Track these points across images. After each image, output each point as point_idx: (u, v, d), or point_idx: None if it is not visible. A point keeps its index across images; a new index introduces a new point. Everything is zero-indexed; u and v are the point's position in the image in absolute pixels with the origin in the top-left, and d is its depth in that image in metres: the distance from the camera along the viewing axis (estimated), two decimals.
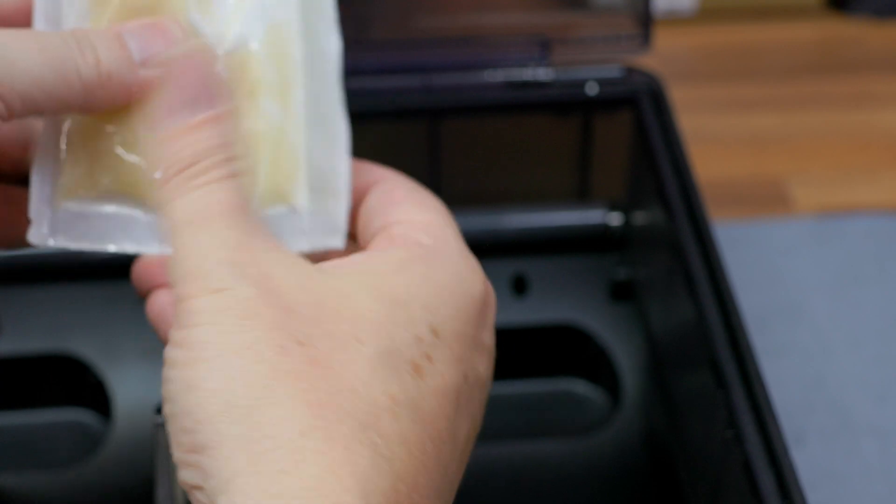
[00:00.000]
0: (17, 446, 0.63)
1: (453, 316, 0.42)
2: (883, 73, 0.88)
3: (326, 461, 0.37)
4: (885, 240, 0.76)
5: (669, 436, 0.60)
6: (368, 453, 0.38)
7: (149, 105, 0.44)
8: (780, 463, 0.48)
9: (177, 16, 0.46)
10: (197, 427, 0.39)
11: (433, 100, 0.65)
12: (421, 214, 0.45)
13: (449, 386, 0.41)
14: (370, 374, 0.40)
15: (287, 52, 0.46)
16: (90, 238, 0.46)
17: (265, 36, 0.46)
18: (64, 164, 0.46)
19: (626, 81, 0.65)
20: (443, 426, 0.41)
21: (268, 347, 0.39)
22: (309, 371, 0.39)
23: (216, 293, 0.40)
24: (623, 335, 0.65)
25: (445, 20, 0.65)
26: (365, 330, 0.40)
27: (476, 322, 0.43)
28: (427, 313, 0.42)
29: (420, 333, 0.41)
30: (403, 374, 0.40)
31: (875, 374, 0.69)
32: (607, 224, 0.67)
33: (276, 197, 0.46)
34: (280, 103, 0.46)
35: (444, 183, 0.68)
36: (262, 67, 0.46)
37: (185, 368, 0.40)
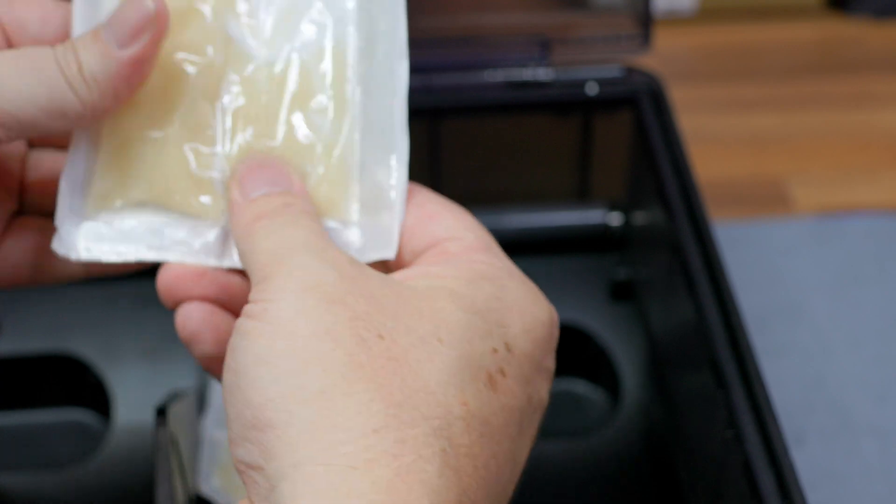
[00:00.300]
0: (17, 446, 0.63)
1: (523, 336, 0.42)
2: (883, 73, 0.88)
3: (397, 465, 0.37)
4: (885, 240, 0.76)
5: (669, 436, 0.60)
6: (438, 462, 0.37)
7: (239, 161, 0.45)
8: (780, 463, 0.48)
9: (216, 28, 0.46)
10: (266, 403, 0.38)
11: (433, 100, 0.65)
12: (469, 232, 0.45)
13: (516, 405, 0.41)
14: (448, 377, 0.39)
15: (341, 70, 0.46)
16: (120, 249, 0.46)
17: (316, 52, 0.46)
18: (94, 173, 0.46)
19: (626, 81, 0.65)
20: (507, 447, 0.40)
21: (349, 335, 0.38)
22: (387, 366, 0.38)
23: (301, 273, 0.39)
24: (623, 335, 0.65)
25: (445, 20, 0.65)
26: (446, 331, 0.40)
27: (543, 346, 0.43)
28: (502, 329, 0.41)
29: (496, 345, 0.41)
30: (479, 384, 0.40)
31: (875, 374, 0.69)
32: (607, 224, 0.67)
33: (327, 211, 0.46)
34: (333, 119, 0.46)
35: (444, 183, 0.68)
36: (311, 81, 0.46)
37: (259, 340, 0.39)
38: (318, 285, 0.39)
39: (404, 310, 0.40)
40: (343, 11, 0.47)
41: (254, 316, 0.39)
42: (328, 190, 0.46)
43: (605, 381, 0.66)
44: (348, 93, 0.46)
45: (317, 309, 0.39)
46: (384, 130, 0.46)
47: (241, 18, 0.46)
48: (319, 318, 0.38)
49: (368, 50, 0.47)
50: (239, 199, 0.44)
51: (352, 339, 0.38)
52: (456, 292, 0.41)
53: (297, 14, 0.47)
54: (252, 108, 0.46)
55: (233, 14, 0.46)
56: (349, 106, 0.46)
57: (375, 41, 0.47)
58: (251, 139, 0.46)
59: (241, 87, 0.46)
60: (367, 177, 0.46)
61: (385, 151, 0.46)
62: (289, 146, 0.46)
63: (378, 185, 0.46)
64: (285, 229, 0.42)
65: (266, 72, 0.46)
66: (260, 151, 0.46)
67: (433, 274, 0.42)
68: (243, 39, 0.46)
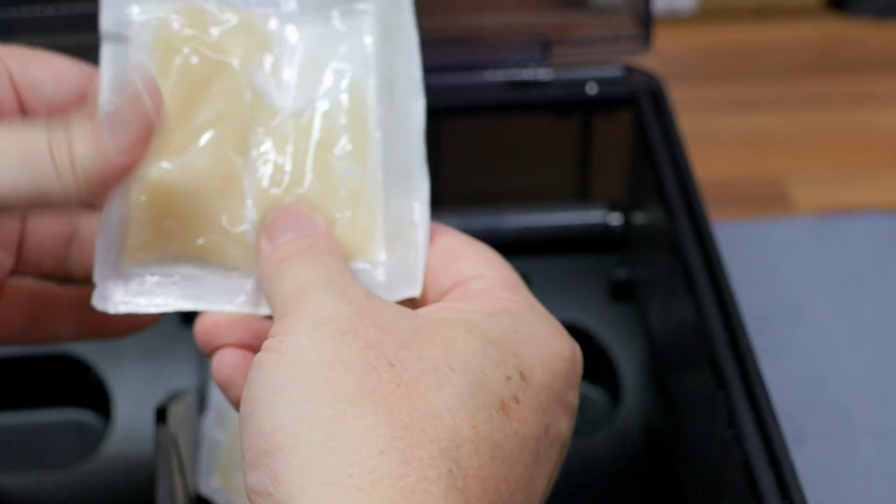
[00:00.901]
0: (17, 446, 0.63)
1: (541, 367, 0.42)
2: (883, 73, 0.88)
3: (400, 486, 0.37)
4: (885, 240, 0.76)
5: (669, 436, 0.60)
6: (444, 483, 0.38)
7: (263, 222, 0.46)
8: (780, 463, 0.48)
9: (244, 80, 0.46)
10: (276, 429, 0.38)
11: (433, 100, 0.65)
12: (493, 270, 0.45)
13: (531, 433, 0.41)
14: (458, 402, 0.39)
15: (363, 116, 0.47)
16: (157, 301, 0.46)
17: (339, 98, 0.47)
18: (129, 228, 0.46)
19: (626, 81, 0.65)
20: (520, 472, 0.41)
21: (360, 363, 0.39)
22: (396, 392, 0.39)
23: (317, 307, 0.41)
24: (623, 335, 0.65)
25: (445, 20, 0.65)
26: (457, 359, 0.40)
27: (563, 379, 0.43)
28: (517, 358, 0.42)
29: (510, 373, 0.41)
30: (490, 410, 0.40)
31: (875, 374, 0.69)
32: (607, 224, 0.67)
33: (354, 253, 0.46)
34: (356, 163, 0.47)
35: (444, 183, 0.68)
36: (336, 128, 0.47)
37: (274, 371, 0.39)
38: (332, 318, 0.40)
39: (417, 339, 0.41)
40: (363, 56, 0.48)
41: (270, 349, 0.40)
42: (355, 233, 0.47)
43: (605, 381, 0.66)
44: (370, 136, 0.47)
45: (330, 339, 0.40)
46: (404, 170, 0.47)
47: (267, 71, 0.47)
48: (332, 348, 0.39)
49: (387, 91, 0.48)
50: (266, 246, 0.45)
51: (362, 367, 0.39)
52: (472, 322, 0.42)
53: (319, 63, 0.48)
54: (279, 159, 0.47)
55: (258, 68, 0.47)
56: (371, 149, 0.47)
57: (393, 82, 0.48)
58: (279, 190, 0.47)
59: (267, 139, 0.47)
60: (392, 217, 0.47)
61: (407, 191, 0.47)
62: (315, 193, 0.47)
63: (402, 225, 0.47)
64: (307, 268, 0.43)
65: (291, 122, 0.47)
66: (287, 201, 0.46)
67: (453, 308, 0.43)
68: (268, 92, 0.47)
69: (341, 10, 0.48)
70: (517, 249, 0.67)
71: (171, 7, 0.47)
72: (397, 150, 0.47)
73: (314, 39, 0.48)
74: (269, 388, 0.39)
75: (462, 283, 0.45)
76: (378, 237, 0.47)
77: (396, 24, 0.48)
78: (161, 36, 0.46)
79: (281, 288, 0.43)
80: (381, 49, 0.48)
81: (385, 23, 0.48)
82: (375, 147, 0.47)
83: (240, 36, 0.47)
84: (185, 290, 0.46)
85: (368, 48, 0.48)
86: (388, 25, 0.48)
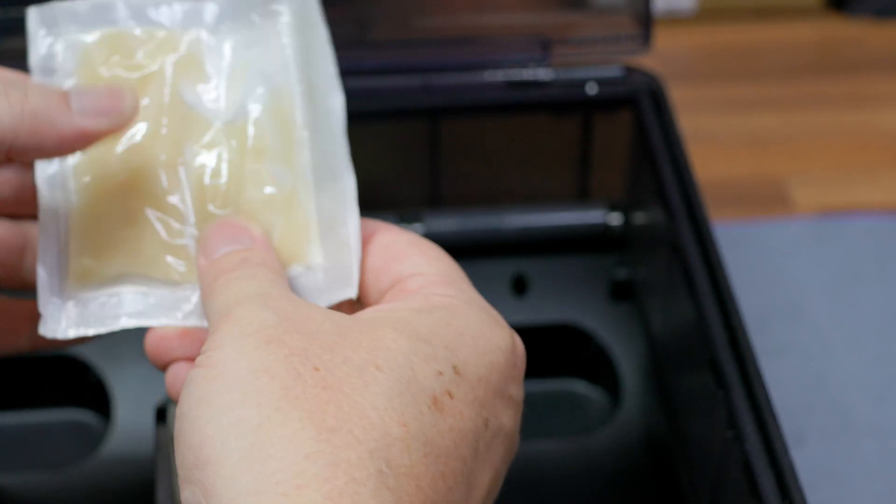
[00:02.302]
0: (17, 446, 0.63)
1: (476, 361, 0.42)
2: (883, 73, 0.88)
3: (328, 488, 0.37)
4: (885, 240, 0.76)
5: (669, 436, 0.60)
6: (373, 483, 0.38)
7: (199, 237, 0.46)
8: (780, 463, 0.48)
9: (173, 96, 0.47)
10: (204, 441, 0.38)
11: (433, 100, 0.65)
12: (431, 267, 0.45)
13: (467, 427, 0.41)
14: (385, 401, 0.39)
15: (290, 118, 0.47)
16: (103, 322, 0.47)
17: (266, 103, 0.47)
18: (69, 251, 0.46)
19: (626, 81, 0.65)
20: (457, 468, 0.40)
21: (285, 371, 0.39)
22: (321, 395, 0.39)
23: (244, 320, 0.41)
24: (623, 335, 0.65)
25: (445, 20, 0.65)
26: (384, 358, 0.40)
27: (502, 371, 0.43)
28: (449, 352, 0.42)
29: (441, 368, 0.41)
30: (421, 406, 0.40)
31: (875, 374, 0.69)
32: (607, 224, 0.67)
33: (291, 258, 0.47)
34: (287, 166, 0.47)
35: (444, 183, 0.68)
36: (266, 133, 0.47)
37: (201, 385, 0.40)
38: (257, 329, 0.40)
39: (343, 342, 0.41)
40: (283, 57, 0.48)
41: (199, 364, 0.40)
42: (291, 238, 0.47)
43: (604, 381, 0.66)
44: (298, 137, 0.47)
45: (255, 350, 0.40)
46: (331, 169, 0.48)
47: (195, 84, 0.48)
48: (257, 358, 0.40)
49: (309, 90, 0.48)
50: (202, 262, 0.45)
51: (287, 374, 0.39)
52: (402, 320, 0.42)
53: (245, 69, 0.48)
54: (214, 171, 0.47)
55: (186, 82, 0.48)
56: (300, 150, 0.47)
57: (313, 81, 0.48)
58: (216, 202, 0.47)
59: (202, 151, 0.47)
60: (324, 218, 0.47)
61: (335, 190, 0.47)
62: (251, 202, 0.47)
63: (334, 225, 0.47)
64: (237, 283, 0.43)
65: (224, 133, 0.47)
66: (223, 213, 0.47)
67: (386, 308, 0.43)
68: (199, 105, 0.48)
69: (260, 13, 0.48)
70: (517, 249, 0.67)
71: (94, 35, 0.47)
72: (323, 149, 0.48)
73: (237, 46, 0.48)
74: (196, 401, 0.39)
75: (400, 281, 0.45)
76: (314, 240, 0.47)
77: (307, 22, 0.49)
78: (85, 63, 0.47)
79: (215, 304, 0.43)
80: (299, 48, 0.48)
81: (299, 22, 0.49)
82: (304, 148, 0.47)
83: (165, 53, 0.48)
84: (129, 308, 0.47)
85: (287, 49, 0.48)
86: (301, 24, 0.49)
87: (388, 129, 0.67)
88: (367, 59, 0.65)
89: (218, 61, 0.48)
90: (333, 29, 0.50)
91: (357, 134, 0.66)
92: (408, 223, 0.66)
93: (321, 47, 0.48)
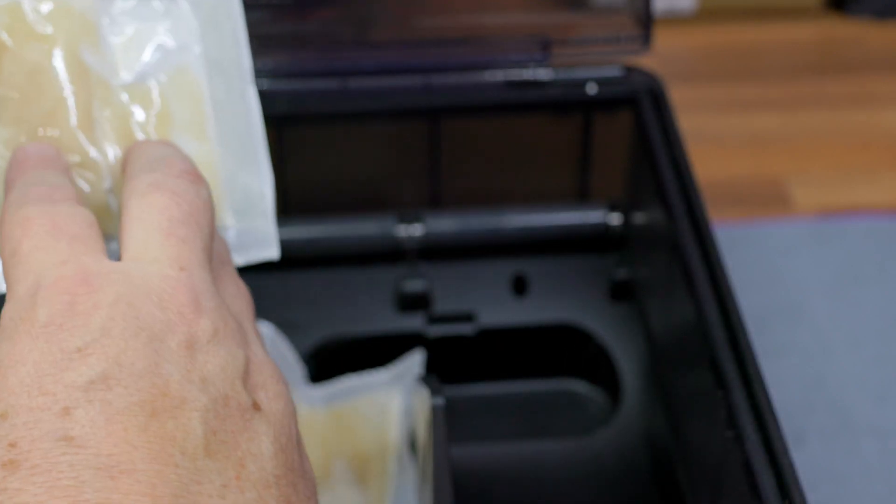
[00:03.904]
0: None
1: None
2: (883, 73, 0.88)
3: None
4: (885, 240, 0.76)
5: (669, 436, 0.60)
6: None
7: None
8: (780, 463, 0.48)
9: (73, 61, 0.48)
10: None
11: (433, 100, 0.65)
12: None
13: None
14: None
15: (196, 92, 0.49)
16: None
17: (172, 76, 0.49)
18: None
19: (626, 81, 0.65)
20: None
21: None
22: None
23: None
24: (623, 335, 0.65)
25: (445, 20, 0.65)
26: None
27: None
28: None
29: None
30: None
31: (875, 374, 0.69)
32: (607, 224, 0.67)
33: None
34: (196, 137, 0.49)
35: (444, 183, 0.68)
36: (171, 103, 0.49)
37: None
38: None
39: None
40: (187, 34, 0.49)
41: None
42: None
43: (604, 381, 0.66)
44: (205, 112, 0.49)
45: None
46: (247, 150, 0.49)
47: (94, 49, 0.49)
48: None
49: (218, 72, 0.49)
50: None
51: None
52: None
53: (144, 38, 0.49)
54: (123, 134, 0.48)
55: (85, 47, 0.48)
56: (209, 124, 0.49)
57: (224, 66, 0.50)
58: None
59: (108, 113, 0.48)
60: (238, 190, 0.49)
61: (253, 170, 0.49)
62: None
63: (250, 197, 0.49)
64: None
65: (127, 96, 0.48)
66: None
67: None
68: (100, 66, 0.48)
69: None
70: (517, 249, 0.67)
71: None
72: (237, 130, 0.49)
73: (135, 16, 0.49)
74: None
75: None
76: (223, 204, 0.48)
77: (225, 12, 0.50)
78: None
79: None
80: (208, 33, 0.49)
81: (210, 10, 0.50)
82: (211, 123, 0.49)
83: (59, 20, 0.48)
84: None
85: (193, 29, 0.49)
86: (213, 11, 0.50)
87: (388, 129, 0.67)
88: (367, 59, 0.65)
89: (114, 29, 0.49)
90: (334, 29, 0.50)
91: (357, 134, 0.66)
92: (408, 223, 0.66)
93: (234, 37, 0.50)
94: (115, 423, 0.36)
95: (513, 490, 0.61)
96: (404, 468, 0.60)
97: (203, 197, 0.44)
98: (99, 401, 0.37)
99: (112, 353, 0.38)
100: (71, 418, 0.36)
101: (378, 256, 0.66)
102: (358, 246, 0.66)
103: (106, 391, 0.37)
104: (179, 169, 0.44)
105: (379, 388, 0.62)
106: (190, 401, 0.38)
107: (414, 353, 0.63)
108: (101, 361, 0.37)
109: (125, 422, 0.36)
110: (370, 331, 0.65)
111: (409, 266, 0.66)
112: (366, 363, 0.63)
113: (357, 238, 0.66)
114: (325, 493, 0.58)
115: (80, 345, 0.38)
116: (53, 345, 0.38)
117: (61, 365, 0.37)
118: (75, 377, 0.37)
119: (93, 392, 0.37)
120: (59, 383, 0.37)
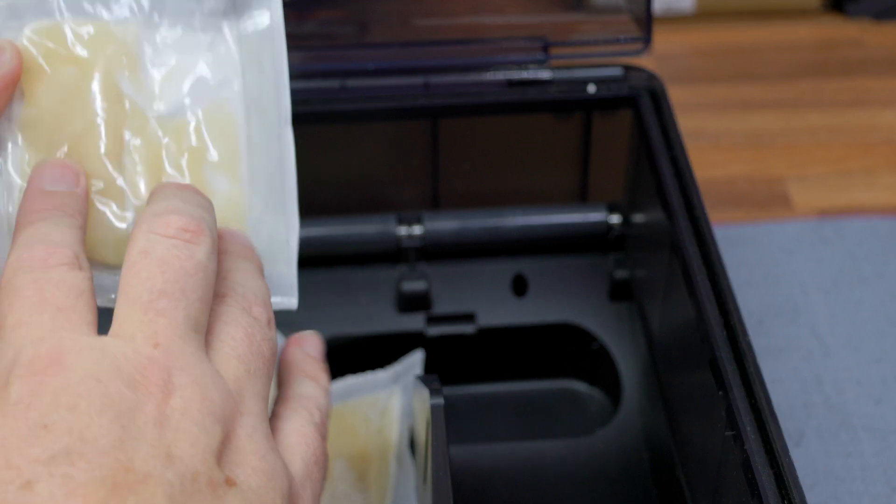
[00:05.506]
0: None
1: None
2: (883, 74, 0.88)
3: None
4: (885, 240, 0.76)
5: (669, 436, 0.60)
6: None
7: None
8: (780, 463, 0.48)
9: (110, 87, 0.48)
10: None
11: (433, 100, 0.65)
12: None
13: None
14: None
15: (231, 130, 0.48)
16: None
17: (208, 111, 0.48)
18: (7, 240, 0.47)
19: (625, 81, 0.65)
20: None
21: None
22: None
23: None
24: (623, 335, 0.65)
25: (445, 20, 0.65)
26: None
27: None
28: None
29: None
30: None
31: (874, 374, 0.69)
32: (607, 224, 0.67)
33: None
34: (227, 175, 0.48)
35: (443, 183, 0.68)
36: (206, 139, 0.48)
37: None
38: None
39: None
40: (228, 72, 0.49)
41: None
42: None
43: (604, 381, 0.66)
44: (239, 150, 0.48)
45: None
46: (277, 193, 0.49)
47: (130, 77, 0.48)
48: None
49: (257, 112, 0.49)
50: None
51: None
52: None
53: (185, 70, 0.49)
54: (152, 165, 0.48)
55: (123, 74, 0.48)
56: (242, 163, 0.48)
57: (263, 105, 0.49)
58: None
59: (139, 143, 0.48)
60: (264, 233, 0.48)
61: (280, 213, 0.49)
62: None
63: (275, 243, 0.48)
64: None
65: (160, 128, 0.48)
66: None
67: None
68: (136, 95, 0.48)
69: (202, 23, 0.49)
70: (517, 249, 0.67)
71: (28, 28, 0.48)
72: (269, 172, 0.48)
73: (178, 47, 0.49)
74: None
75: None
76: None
77: (270, 50, 0.49)
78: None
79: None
80: (249, 70, 0.49)
81: (254, 47, 0.49)
82: (244, 163, 0.48)
83: (99, 46, 0.48)
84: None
85: (235, 66, 0.49)
86: (257, 48, 0.49)
87: (388, 129, 0.67)
88: (367, 59, 0.65)
89: (155, 58, 0.48)
90: (333, 29, 0.50)
91: (357, 134, 0.66)
92: (408, 223, 0.66)
93: (277, 79, 0.49)
94: (76, 496, 0.37)
95: (512, 490, 0.61)
96: (404, 468, 0.60)
97: (196, 258, 0.43)
98: (60, 475, 0.37)
99: (76, 429, 0.38)
100: (32, 492, 0.37)
101: (378, 256, 0.66)
102: (358, 246, 0.66)
103: (68, 465, 0.37)
104: (176, 228, 0.44)
105: (379, 388, 0.62)
106: (154, 476, 0.38)
107: (414, 353, 0.63)
108: (65, 436, 0.38)
109: (86, 496, 0.37)
110: (370, 331, 0.65)
111: (409, 266, 0.66)
112: (366, 363, 0.63)
113: (357, 238, 0.66)
114: (325, 493, 0.58)
115: (46, 422, 0.38)
116: (21, 422, 0.38)
117: (28, 440, 0.38)
118: (39, 452, 0.38)
119: (55, 466, 0.37)
120: (24, 458, 0.38)
